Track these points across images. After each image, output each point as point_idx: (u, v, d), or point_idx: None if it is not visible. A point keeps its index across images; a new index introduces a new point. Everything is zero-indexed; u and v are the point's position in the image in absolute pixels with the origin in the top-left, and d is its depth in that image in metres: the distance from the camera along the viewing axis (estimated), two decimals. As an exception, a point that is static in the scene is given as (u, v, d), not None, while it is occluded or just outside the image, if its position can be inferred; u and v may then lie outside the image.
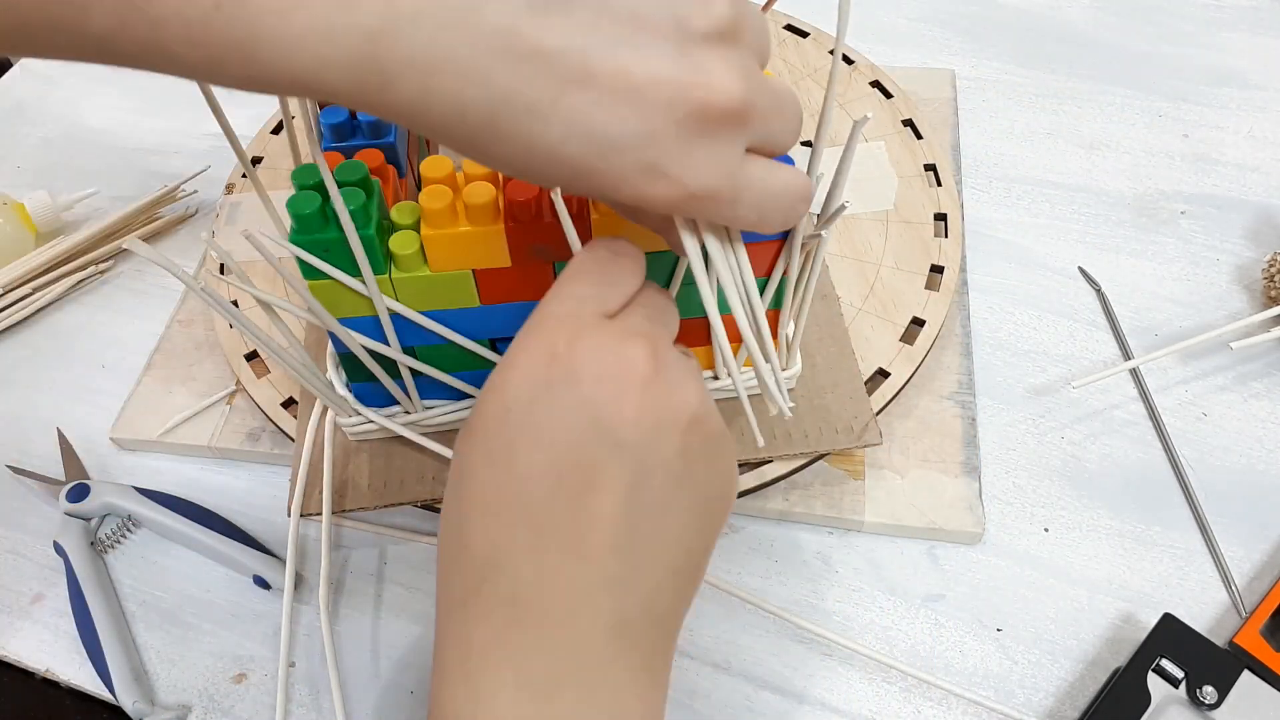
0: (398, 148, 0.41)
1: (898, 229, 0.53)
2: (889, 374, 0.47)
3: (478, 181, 0.35)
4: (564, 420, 0.27)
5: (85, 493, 0.47)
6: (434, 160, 0.35)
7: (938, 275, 0.51)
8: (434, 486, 0.43)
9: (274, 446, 0.48)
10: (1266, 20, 0.70)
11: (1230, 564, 0.44)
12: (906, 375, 0.47)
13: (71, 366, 0.54)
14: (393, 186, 0.38)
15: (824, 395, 0.45)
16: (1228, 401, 0.50)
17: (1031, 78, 0.67)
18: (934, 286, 0.50)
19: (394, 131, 0.41)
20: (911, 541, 0.45)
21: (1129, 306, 0.54)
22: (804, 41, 0.63)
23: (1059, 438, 0.49)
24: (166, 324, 0.55)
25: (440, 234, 0.35)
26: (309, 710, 0.42)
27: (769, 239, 0.36)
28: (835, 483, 0.46)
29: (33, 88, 0.72)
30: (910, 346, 0.48)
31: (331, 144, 0.41)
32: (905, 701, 0.41)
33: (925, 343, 0.48)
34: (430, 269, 0.36)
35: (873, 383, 0.47)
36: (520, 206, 0.34)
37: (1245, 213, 0.58)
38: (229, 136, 0.34)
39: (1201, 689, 0.38)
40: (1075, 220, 0.58)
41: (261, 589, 0.45)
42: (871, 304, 0.50)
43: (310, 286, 0.36)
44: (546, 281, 0.37)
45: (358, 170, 0.35)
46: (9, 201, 0.59)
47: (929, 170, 0.55)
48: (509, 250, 0.36)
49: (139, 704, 0.41)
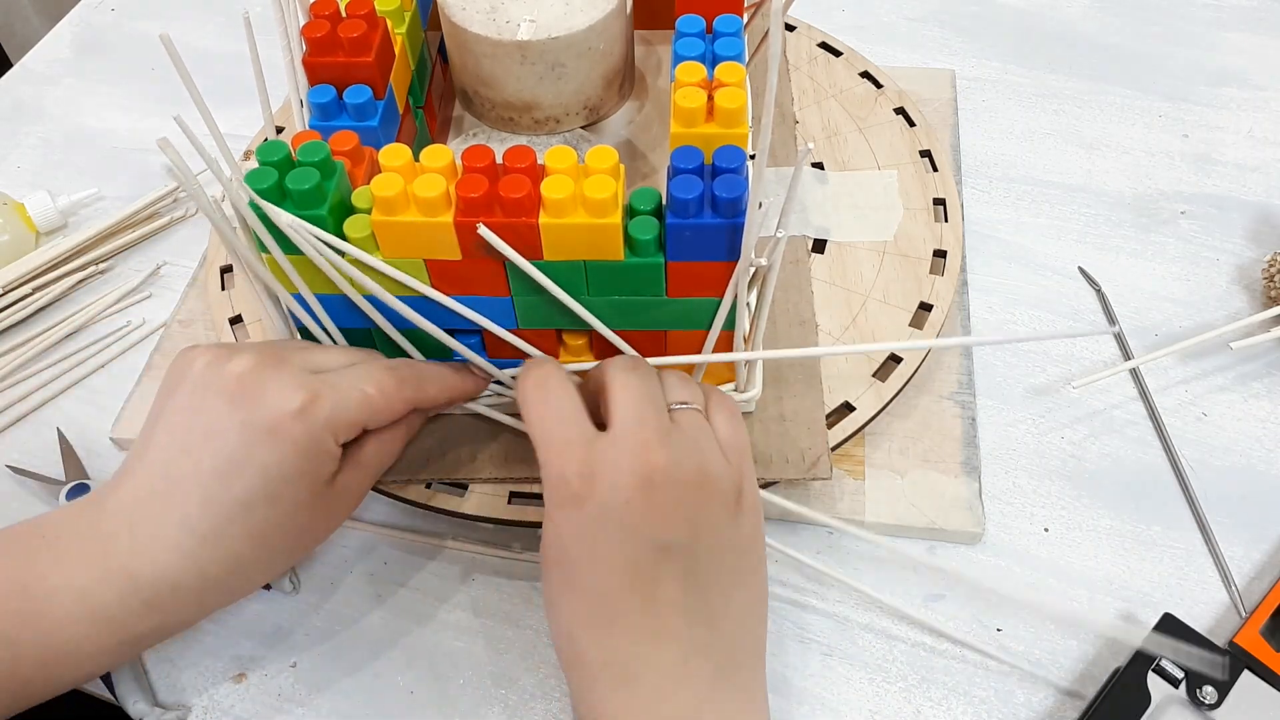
0: (379, 131, 0.41)
1: (893, 262, 0.51)
2: (854, 408, 0.45)
3: (430, 173, 0.35)
4: (620, 547, 0.33)
5: (85, 492, 0.47)
6: (433, 150, 0.36)
7: (925, 313, 0.49)
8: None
9: (274, 446, 0.48)
10: (1266, 20, 0.70)
11: (1230, 564, 0.44)
12: (873, 411, 0.45)
13: (71, 366, 0.54)
14: (366, 169, 0.38)
15: (784, 422, 0.44)
16: (1228, 401, 0.50)
17: (1031, 78, 0.67)
18: (919, 324, 0.48)
19: (378, 115, 0.42)
20: (911, 541, 0.45)
21: (1129, 306, 0.54)
22: (835, 60, 0.61)
23: (1059, 438, 0.49)
24: (166, 324, 0.55)
25: (390, 221, 0.35)
26: (309, 710, 0.42)
27: (720, 260, 0.36)
28: (835, 483, 0.46)
29: (33, 88, 0.72)
30: (882, 384, 0.46)
31: (317, 122, 0.41)
32: (905, 701, 0.41)
33: (898, 381, 0.46)
34: (383, 254, 0.37)
35: (838, 414, 0.45)
36: (471, 202, 0.35)
37: (1245, 213, 0.58)
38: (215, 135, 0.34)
39: (1201, 689, 0.38)
40: (1075, 220, 0.58)
41: (263, 589, 0.45)
42: (851, 335, 0.48)
43: (266, 260, 0.37)
44: (499, 277, 0.37)
45: (318, 151, 0.36)
46: (9, 201, 0.59)
47: (938, 204, 0.53)
48: (459, 244, 0.36)
49: (139, 704, 0.41)
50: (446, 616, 0.44)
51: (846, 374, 0.46)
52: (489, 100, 0.46)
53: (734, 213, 0.35)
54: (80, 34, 0.76)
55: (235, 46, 0.43)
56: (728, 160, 0.35)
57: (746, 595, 0.35)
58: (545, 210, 0.35)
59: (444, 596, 0.45)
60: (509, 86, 0.45)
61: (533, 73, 0.44)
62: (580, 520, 0.33)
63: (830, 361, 0.47)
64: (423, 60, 0.48)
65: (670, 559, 0.33)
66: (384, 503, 0.47)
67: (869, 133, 0.57)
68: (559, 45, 0.43)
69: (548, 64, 0.43)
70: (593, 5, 0.43)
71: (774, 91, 0.30)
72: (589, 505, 0.33)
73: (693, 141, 0.37)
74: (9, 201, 0.59)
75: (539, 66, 0.43)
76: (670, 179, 0.35)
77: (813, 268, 0.50)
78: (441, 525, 0.47)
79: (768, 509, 0.45)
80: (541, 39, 0.42)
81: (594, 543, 0.33)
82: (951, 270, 0.50)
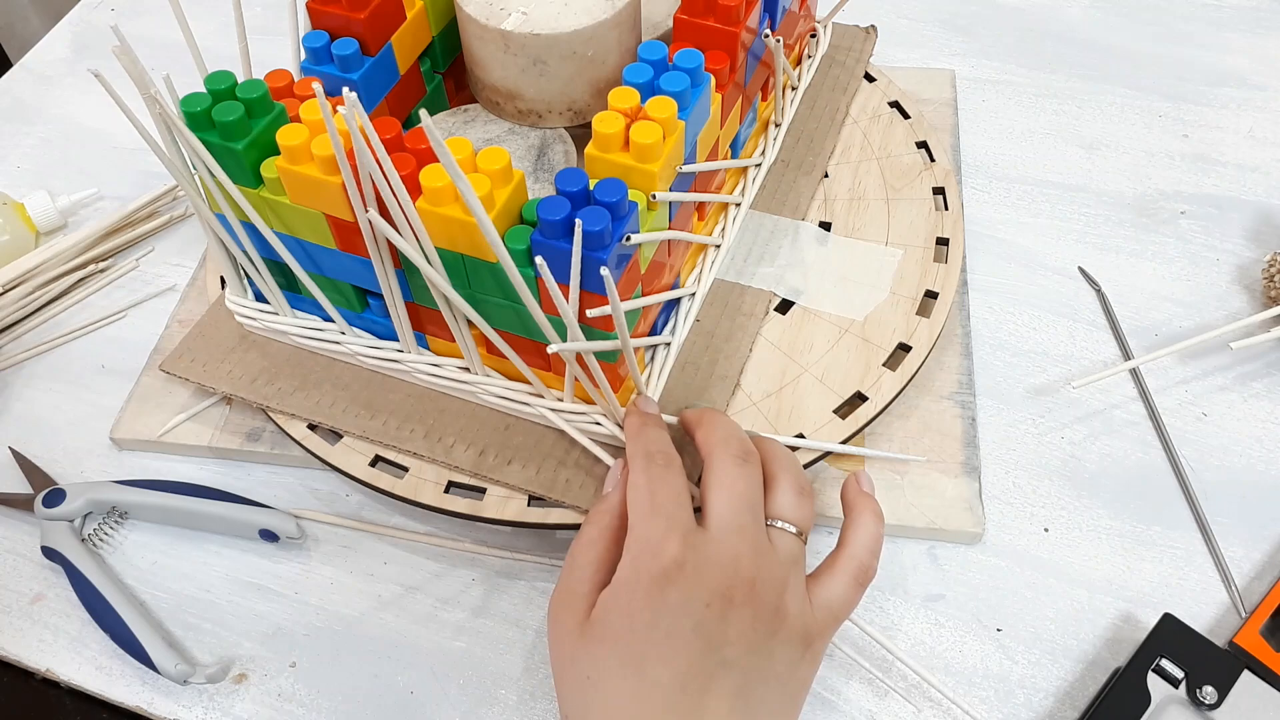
0: (359, 85, 0.42)
1: (850, 343, 0.47)
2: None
3: (324, 134, 0.36)
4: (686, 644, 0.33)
5: (61, 497, 0.46)
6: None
7: (857, 403, 0.46)
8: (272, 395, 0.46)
9: (274, 447, 0.48)
10: (1266, 20, 0.70)
11: (1230, 564, 0.44)
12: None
13: (71, 366, 0.54)
14: None
15: None
16: (1228, 401, 0.50)
17: (1031, 78, 0.67)
18: (844, 415, 0.45)
19: (362, 70, 0.43)
20: (911, 541, 0.45)
21: (1129, 306, 0.54)
22: (898, 123, 0.58)
23: (1059, 438, 0.49)
24: (166, 324, 0.55)
25: (289, 169, 0.37)
26: (309, 710, 0.42)
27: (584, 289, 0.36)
28: (835, 483, 0.46)
29: (32, 88, 0.72)
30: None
31: (308, 65, 0.43)
32: (905, 701, 0.41)
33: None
34: (289, 199, 0.38)
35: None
36: None
37: (1245, 213, 0.58)
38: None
39: (1201, 689, 0.38)
40: (1075, 220, 0.58)
41: (270, 541, 0.45)
42: (768, 406, 0.45)
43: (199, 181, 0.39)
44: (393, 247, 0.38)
45: (256, 89, 0.37)
46: (9, 201, 0.59)
47: (929, 297, 0.49)
48: (349, 206, 0.37)
49: (181, 666, 0.41)
50: (447, 617, 0.44)
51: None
52: (480, 81, 0.46)
53: (595, 245, 0.35)
54: (80, 34, 0.76)
55: (236, 47, 0.43)
56: (607, 194, 0.35)
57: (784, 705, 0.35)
58: (424, 196, 0.35)
59: (444, 597, 0.45)
60: (494, 72, 0.45)
61: (515, 64, 0.44)
62: (659, 604, 0.33)
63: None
64: (454, 30, 0.48)
65: (727, 673, 0.33)
66: (384, 502, 0.47)
67: (895, 205, 0.53)
68: (540, 43, 0.42)
69: (529, 58, 0.43)
70: (587, 11, 0.43)
71: (778, 145, 0.30)
72: (671, 592, 0.33)
73: (606, 167, 0.38)
74: (9, 201, 0.59)
75: (520, 59, 0.43)
76: (545, 198, 0.35)
77: (767, 327, 0.48)
78: (442, 525, 0.47)
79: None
80: (524, 32, 0.42)
81: (667, 632, 0.33)
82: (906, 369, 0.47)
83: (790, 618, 0.34)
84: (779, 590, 0.35)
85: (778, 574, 0.35)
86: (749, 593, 0.34)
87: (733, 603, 0.33)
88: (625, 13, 0.44)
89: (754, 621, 0.34)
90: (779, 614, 0.34)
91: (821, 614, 0.36)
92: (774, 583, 0.34)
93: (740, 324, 0.48)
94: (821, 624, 0.36)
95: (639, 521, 0.35)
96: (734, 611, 0.33)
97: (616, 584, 0.34)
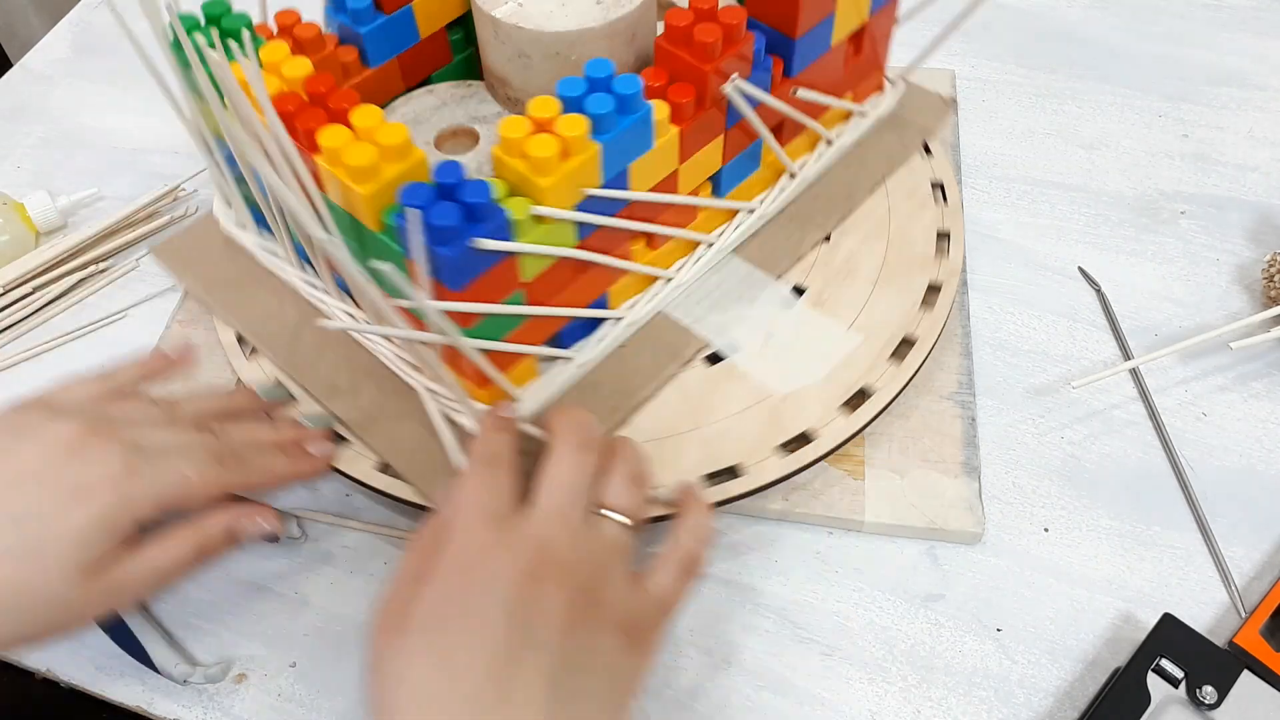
0: (364, 40, 0.44)
1: (757, 415, 0.45)
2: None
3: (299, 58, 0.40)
4: (491, 618, 0.32)
5: None
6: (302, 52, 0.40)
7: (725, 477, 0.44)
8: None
9: (274, 446, 0.48)
10: (1266, 20, 0.70)
11: (1230, 564, 0.44)
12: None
13: (71, 366, 0.54)
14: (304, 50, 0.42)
15: None
16: (1228, 401, 0.50)
17: (1031, 78, 0.67)
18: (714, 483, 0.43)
19: (372, 25, 0.44)
20: (911, 541, 0.45)
21: (1129, 306, 0.54)
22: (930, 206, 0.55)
23: (1059, 438, 0.49)
24: (166, 324, 0.55)
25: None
26: (309, 710, 0.42)
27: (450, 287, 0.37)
28: (835, 483, 0.46)
29: (33, 88, 0.72)
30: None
31: (332, 14, 0.45)
32: (905, 701, 0.41)
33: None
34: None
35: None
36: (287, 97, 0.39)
37: (1245, 213, 0.58)
38: None
39: (1201, 689, 0.38)
40: (1075, 220, 0.58)
41: (270, 542, 0.45)
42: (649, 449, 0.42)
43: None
44: None
45: (219, 6, 0.42)
46: (9, 201, 0.59)
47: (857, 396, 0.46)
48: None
49: (181, 666, 0.41)
50: (446, 616, 0.44)
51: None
52: (483, 61, 0.46)
53: (440, 240, 0.35)
54: (80, 34, 0.76)
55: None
56: (471, 194, 0.35)
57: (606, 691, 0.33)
58: (323, 154, 0.36)
59: (444, 596, 0.45)
60: (489, 55, 0.45)
61: (502, 51, 0.43)
62: (468, 588, 0.32)
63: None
64: None
65: (538, 654, 0.31)
66: (384, 503, 0.47)
67: (882, 290, 0.50)
68: (523, 37, 0.42)
69: (514, 49, 0.43)
70: (579, 16, 0.42)
71: (784, 196, 0.30)
72: (478, 573, 0.32)
73: (506, 171, 0.38)
74: (9, 201, 0.59)
75: (507, 48, 0.43)
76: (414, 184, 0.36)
77: (687, 374, 0.46)
78: (441, 525, 0.47)
79: (766, 510, 0.45)
80: (510, 23, 0.42)
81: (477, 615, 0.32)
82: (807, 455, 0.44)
83: (610, 604, 0.33)
84: (597, 575, 0.34)
85: (597, 559, 0.34)
86: (562, 574, 0.33)
87: (542, 582, 0.32)
88: (620, 24, 0.42)
89: (569, 605, 0.32)
90: (596, 599, 0.33)
91: (649, 604, 0.35)
92: (591, 567, 0.34)
93: (660, 363, 0.46)
94: (649, 614, 0.35)
95: (454, 515, 0.34)
96: (544, 591, 0.32)
97: (432, 580, 0.33)
